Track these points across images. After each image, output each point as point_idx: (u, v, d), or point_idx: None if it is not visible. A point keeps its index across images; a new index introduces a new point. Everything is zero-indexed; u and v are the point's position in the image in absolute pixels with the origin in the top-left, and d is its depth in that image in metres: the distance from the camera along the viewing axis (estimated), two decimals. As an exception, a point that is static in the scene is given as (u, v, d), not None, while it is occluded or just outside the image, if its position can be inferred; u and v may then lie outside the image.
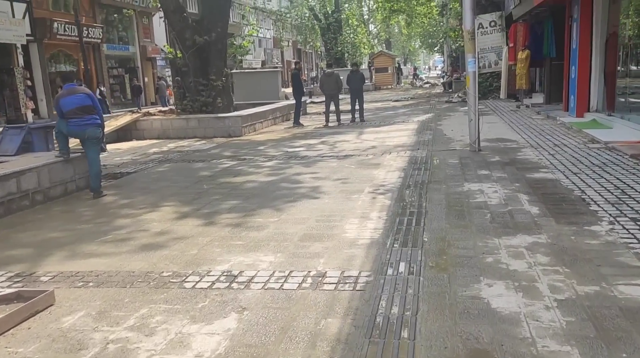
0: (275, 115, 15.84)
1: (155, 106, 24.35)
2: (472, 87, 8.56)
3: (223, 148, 11.02)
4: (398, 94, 29.00)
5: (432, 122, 13.28)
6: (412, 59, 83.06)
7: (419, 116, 15.42)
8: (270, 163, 8.64)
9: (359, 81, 14.74)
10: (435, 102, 20.46)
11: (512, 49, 15.84)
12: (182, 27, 15.07)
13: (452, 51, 33.75)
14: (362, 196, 5.95)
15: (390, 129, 12.61)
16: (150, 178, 7.96)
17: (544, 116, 12.89)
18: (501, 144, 9.14)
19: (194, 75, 15.34)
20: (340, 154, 9.18)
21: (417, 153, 8.72)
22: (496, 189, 5.90)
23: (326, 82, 14.28)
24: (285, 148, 10.46)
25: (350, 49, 38.87)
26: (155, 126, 13.52)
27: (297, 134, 12.91)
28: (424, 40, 60.65)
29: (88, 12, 24.55)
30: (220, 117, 13.34)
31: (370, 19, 54.41)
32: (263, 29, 50.53)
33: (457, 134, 10.82)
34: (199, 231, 4.93)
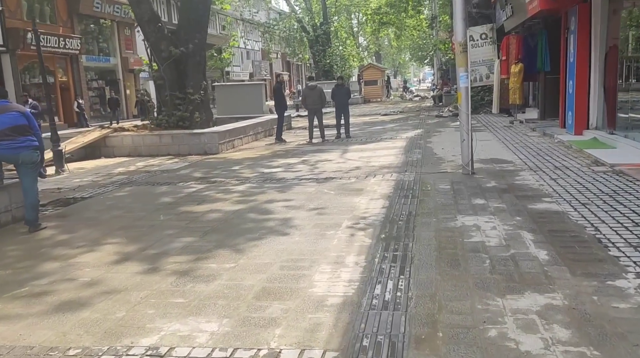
0: (256, 130, 15.00)
1: (138, 119, 23.39)
2: (465, 104, 7.77)
3: (195, 167, 10.14)
4: (387, 107, 28.32)
5: (422, 139, 12.50)
6: (402, 71, 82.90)
7: (407, 131, 14.65)
8: (241, 187, 7.76)
9: (344, 95, 13.96)
10: (425, 117, 19.75)
11: (504, 63, 15.17)
12: (157, 38, 14.24)
13: (442, 64, 33.24)
14: (338, 233, 5.09)
15: (376, 146, 11.81)
16: (104, 205, 7.05)
17: (539, 133, 12.16)
18: (497, 166, 8.35)
19: (169, 88, 14.49)
20: (320, 176, 8.34)
21: (404, 176, 7.90)
22: (494, 224, 5.07)
23: (309, 96, 13.48)
24: (262, 168, 9.60)
25: (338, 62, 38.24)
26: (126, 143, 12.61)
27: (277, 151, 12.06)
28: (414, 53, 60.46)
29: (66, 23, 23.66)
30: (196, 133, 12.47)
31: (359, 31, 54.04)
32: (251, 40, 49.94)
33: (448, 153, 10.03)
34: (136, 282, 4.04)
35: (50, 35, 21.75)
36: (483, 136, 12.21)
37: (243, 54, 48.27)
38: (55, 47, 22.25)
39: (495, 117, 16.92)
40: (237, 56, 46.65)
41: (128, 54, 28.33)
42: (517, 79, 14.34)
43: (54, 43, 22.04)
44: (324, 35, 37.22)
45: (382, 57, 66.47)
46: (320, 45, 37.17)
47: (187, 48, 14.14)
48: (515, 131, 13.07)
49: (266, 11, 46.73)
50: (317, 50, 37.40)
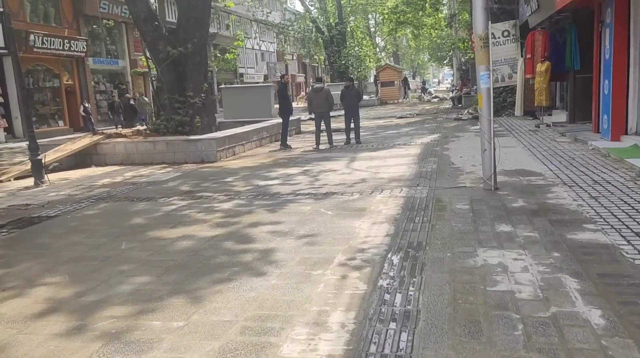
0: (261, 136, 14.04)
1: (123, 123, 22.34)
2: (486, 108, 6.67)
3: (185, 178, 9.19)
4: (404, 109, 27.15)
5: (438, 146, 11.38)
6: (421, 72, 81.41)
7: (423, 136, 13.52)
8: (227, 205, 6.77)
9: (353, 97, 12.90)
10: (442, 120, 18.56)
11: (529, 61, 13.95)
12: (155, 37, 13.39)
13: (461, 64, 31.92)
14: (327, 273, 4.06)
15: (388, 154, 10.73)
16: (65, 227, 6.12)
17: (570, 138, 10.94)
18: (523, 179, 7.21)
19: (168, 91, 13.64)
20: (319, 191, 7.31)
21: (415, 192, 6.82)
22: (526, 263, 3.98)
23: (315, 99, 12.45)
24: (258, 179, 8.61)
25: (354, 63, 37.16)
26: (119, 150, 11.75)
27: (280, 159, 11.07)
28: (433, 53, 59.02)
29: (71, 24, 23.09)
30: (192, 140, 11.54)
31: (376, 31, 52.89)
32: (266, 42, 49.17)
33: (467, 162, 8.91)
34: (47, 352, 3.05)
35: (54, 37, 21.18)
36: (506, 142, 11.04)
37: (258, 55, 47.53)
38: (60, 50, 21.67)
39: (518, 121, 15.68)
40: (252, 57, 45.96)
41: (137, 56, 27.67)
42: (544, 79, 13.11)
43: (58, 45, 21.46)
44: (339, 35, 36.19)
45: (400, 58, 65.18)
46: (335, 45, 36.14)
47: (186, 48, 13.25)
48: (542, 136, 11.86)
49: (281, 12, 45.93)
50: (332, 51, 36.38)
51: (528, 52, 13.90)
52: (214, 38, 36.24)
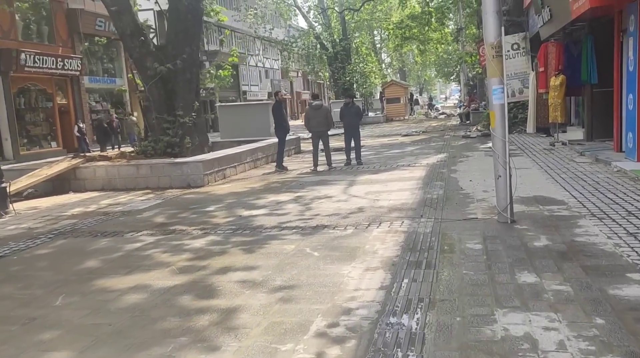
0: (255, 156, 13.15)
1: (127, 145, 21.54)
2: (500, 128, 5.73)
3: (164, 207, 8.29)
4: (410, 126, 26.27)
5: (445, 167, 10.42)
6: (428, 88, 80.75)
7: (429, 156, 12.57)
8: (200, 242, 5.84)
9: (353, 115, 12.01)
10: (450, 138, 17.62)
11: (542, 75, 13.02)
12: (142, 53, 12.63)
13: (468, 79, 31.06)
14: (298, 349, 3.10)
15: (390, 177, 9.78)
16: (3, 273, 5.21)
17: (590, 158, 9.94)
18: (544, 209, 6.23)
19: (157, 110, 12.84)
20: (309, 223, 6.37)
21: (419, 225, 5.86)
22: (561, 335, 3.01)
23: (313, 116, 11.57)
24: (243, 208, 7.69)
25: (359, 79, 36.43)
26: (99, 175, 10.90)
27: (272, 183, 10.15)
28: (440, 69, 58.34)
29: (66, 42, 22.52)
30: (177, 163, 10.67)
31: (382, 47, 52.34)
32: (270, 59, 48.72)
33: (477, 187, 7.95)
34: None
35: (47, 56, 20.55)
36: (520, 162, 10.06)
37: (262, 72, 47.05)
38: (53, 69, 21.03)
39: (531, 138, 14.71)
40: (256, 74, 45.46)
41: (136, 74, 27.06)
42: (558, 94, 12.16)
43: (51, 64, 20.83)
44: (343, 51, 35.54)
45: (407, 74, 64.54)
46: (339, 62, 35.47)
47: (175, 64, 12.46)
48: (559, 155, 10.87)
49: (285, 28, 45.50)
50: (336, 67, 35.69)
51: (541, 65, 12.98)
52: (216, 56, 35.72)
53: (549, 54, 12.72)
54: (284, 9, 40.62)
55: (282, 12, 41.49)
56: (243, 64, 41.80)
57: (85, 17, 22.96)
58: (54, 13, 22.10)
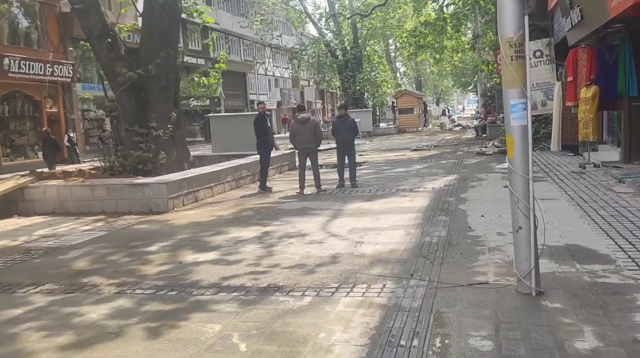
0: (238, 175, 11.55)
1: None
2: (521, 160, 4.06)
3: (99, 244, 6.71)
4: (421, 139, 24.52)
5: (453, 195, 8.69)
6: (445, 99, 78.77)
7: (436, 178, 10.84)
8: (100, 311, 4.23)
9: (348, 129, 10.34)
10: (463, 154, 15.84)
11: (570, 85, 11.25)
12: (111, 57, 11.23)
13: (485, 89, 29.22)
14: None
15: (385, 206, 8.09)
16: None
17: (633, 186, 8.12)
18: (583, 271, 4.49)
19: (128, 121, 11.36)
20: (260, 281, 4.72)
21: (405, 293, 4.17)
22: None
23: (299, 132, 9.94)
24: (191, 249, 6.07)
25: (370, 88, 34.81)
26: (50, 196, 9.39)
27: (245, 210, 8.53)
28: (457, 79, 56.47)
29: (57, 48, 21.28)
30: (137, 184, 9.11)
31: (396, 56, 50.70)
32: (280, 67, 47.37)
33: (490, 227, 6.22)
34: None
35: (33, 62, 19.31)
36: (545, 190, 8.30)
37: (271, 81, 45.70)
38: (41, 75, 19.77)
39: (556, 157, 12.88)
40: (264, 83, 44.10)
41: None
42: (590, 108, 10.36)
43: (39, 70, 19.59)
44: (354, 59, 34.01)
45: (423, 84, 62.75)
46: (349, 70, 33.94)
47: (147, 70, 10.98)
48: (592, 181, 9.06)
49: (295, 36, 44.14)
50: (346, 76, 34.17)
51: (569, 74, 11.21)
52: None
53: (579, 61, 10.95)
54: (295, 16, 39.31)
55: (293, 20, 40.23)
56: (251, 72, 40.50)
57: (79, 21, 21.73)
58: (45, 16, 20.91)
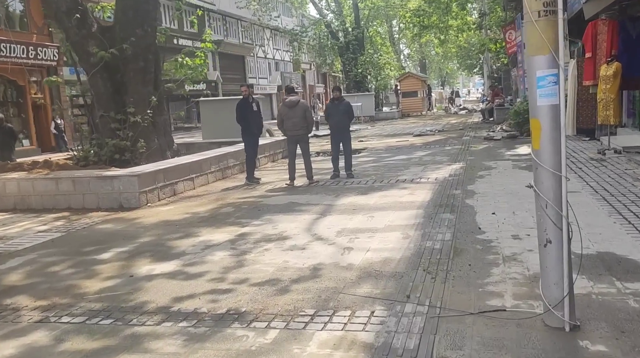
0: (224, 164, 10.60)
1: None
2: (550, 151, 3.10)
3: (49, 249, 5.79)
4: (425, 124, 23.44)
5: (459, 187, 7.70)
6: (450, 82, 77.20)
7: (441, 167, 9.85)
8: (5, 352, 3.32)
9: (342, 114, 9.32)
10: (469, 139, 14.80)
11: (589, 62, 10.16)
12: (82, 36, 10.24)
13: (492, 71, 28.00)
14: None
15: (381, 201, 7.12)
16: None
17: (664, 177, 7.13)
18: (626, 291, 3.52)
19: (102, 107, 10.42)
20: (218, 304, 3.80)
21: (397, 328, 3.22)
22: None
23: (287, 117, 8.93)
24: (150, 257, 5.15)
25: (372, 71, 33.58)
26: (11, 190, 8.47)
27: (225, 206, 7.59)
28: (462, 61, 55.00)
29: (41, 30, 20.23)
30: (106, 177, 8.16)
31: (400, 38, 49.25)
32: (281, 50, 46.10)
33: (503, 228, 5.25)
34: None
35: (15, 44, 18.27)
36: (563, 181, 7.31)
37: (271, 64, 44.48)
38: (24, 58, 18.76)
39: (570, 142, 11.83)
40: (264, 66, 42.90)
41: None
42: (612, 87, 9.30)
43: (21, 53, 18.56)
44: (356, 41, 32.73)
45: (428, 67, 61.30)
46: (351, 52, 32.69)
47: (123, 50, 9.99)
48: (615, 169, 8.05)
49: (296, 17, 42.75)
50: (347, 58, 32.94)
51: (588, 50, 10.12)
52: (219, 46, 33.30)
53: (599, 35, 9.84)
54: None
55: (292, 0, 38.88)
56: (250, 55, 39.30)
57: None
58: (28, -4, 19.85)
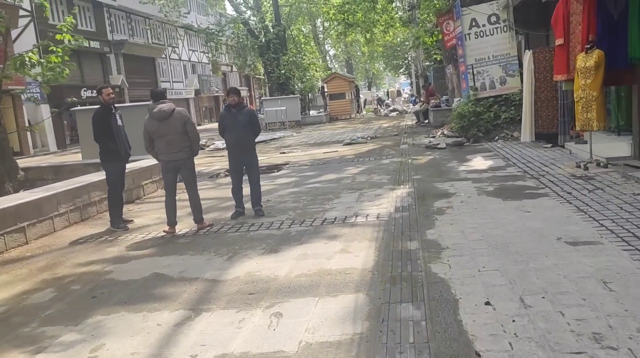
0: (84, 200, 7.54)
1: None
2: None
3: None
4: (356, 128, 21.18)
5: (413, 233, 5.17)
6: (376, 83, 76.32)
7: (381, 194, 7.32)
8: None
9: (243, 127, 6.52)
10: (408, 148, 12.49)
11: (560, 50, 8.00)
12: None
13: (424, 69, 26.24)
14: None
15: (298, 269, 4.44)
16: None
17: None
18: None
19: None
20: None
21: None
22: None
23: (158, 133, 6.06)
24: None
25: (296, 72, 31.00)
26: None
27: (50, 284, 4.65)
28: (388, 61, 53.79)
29: None
30: None
31: (325, 37, 47.12)
32: (197, 51, 42.54)
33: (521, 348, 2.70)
34: None
35: None
36: (559, 217, 5.01)
37: (187, 67, 40.83)
38: None
39: (530, 150, 9.76)
40: (179, 69, 39.24)
41: (0, 69, 20.61)
42: (594, 82, 7.17)
43: None
44: (277, 40, 30.02)
45: (354, 67, 59.78)
46: (272, 52, 29.95)
47: None
48: (616, 193, 5.84)
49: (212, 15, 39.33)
50: (268, 58, 30.17)
51: (558, 35, 7.95)
52: (122, 47, 29.51)
53: (572, 15, 7.71)
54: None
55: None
56: (161, 56, 35.58)
57: None
58: None
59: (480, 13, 12.73)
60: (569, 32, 7.72)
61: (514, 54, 12.65)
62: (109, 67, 29.03)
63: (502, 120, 12.37)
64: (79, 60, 26.96)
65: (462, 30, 13.00)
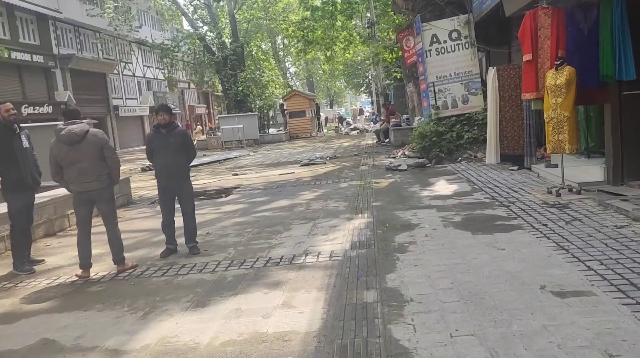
0: (-12, 237, 6.37)
1: None
2: None
3: None
4: (315, 147, 20.43)
5: (371, 277, 4.34)
6: (338, 101, 76.30)
7: (336, 226, 6.47)
8: None
9: (175, 151, 5.57)
10: (368, 170, 11.75)
11: (529, 67, 7.42)
12: None
13: (384, 87, 25.82)
14: None
15: (226, 333, 3.50)
16: None
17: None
18: None
19: None
20: None
21: None
22: None
23: (68, 159, 5.06)
24: None
25: (254, 89, 30.12)
26: None
27: None
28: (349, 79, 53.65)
29: None
30: None
31: (286, 54, 46.61)
32: (153, 67, 41.16)
33: None
34: None
35: None
36: (538, 257, 4.28)
37: (142, 83, 39.36)
38: None
39: (496, 173, 9.15)
40: (133, 86, 37.75)
41: None
42: (565, 101, 6.58)
43: None
44: (234, 56, 29.16)
45: (315, 85, 59.41)
46: (229, 68, 29.04)
47: None
48: (595, 224, 5.19)
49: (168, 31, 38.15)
50: (225, 75, 29.24)
51: (526, 50, 7.36)
52: (69, 61, 27.96)
53: (540, 29, 7.15)
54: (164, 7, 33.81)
55: (162, 12, 34.58)
56: (113, 72, 34.06)
57: None
58: None
59: (441, 29, 12.23)
60: (537, 48, 7.16)
61: (476, 71, 12.18)
62: (54, 82, 27.40)
63: (464, 140, 11.82)
64: (19, 75, 25.29)
65: (422, 46, 12.47)
